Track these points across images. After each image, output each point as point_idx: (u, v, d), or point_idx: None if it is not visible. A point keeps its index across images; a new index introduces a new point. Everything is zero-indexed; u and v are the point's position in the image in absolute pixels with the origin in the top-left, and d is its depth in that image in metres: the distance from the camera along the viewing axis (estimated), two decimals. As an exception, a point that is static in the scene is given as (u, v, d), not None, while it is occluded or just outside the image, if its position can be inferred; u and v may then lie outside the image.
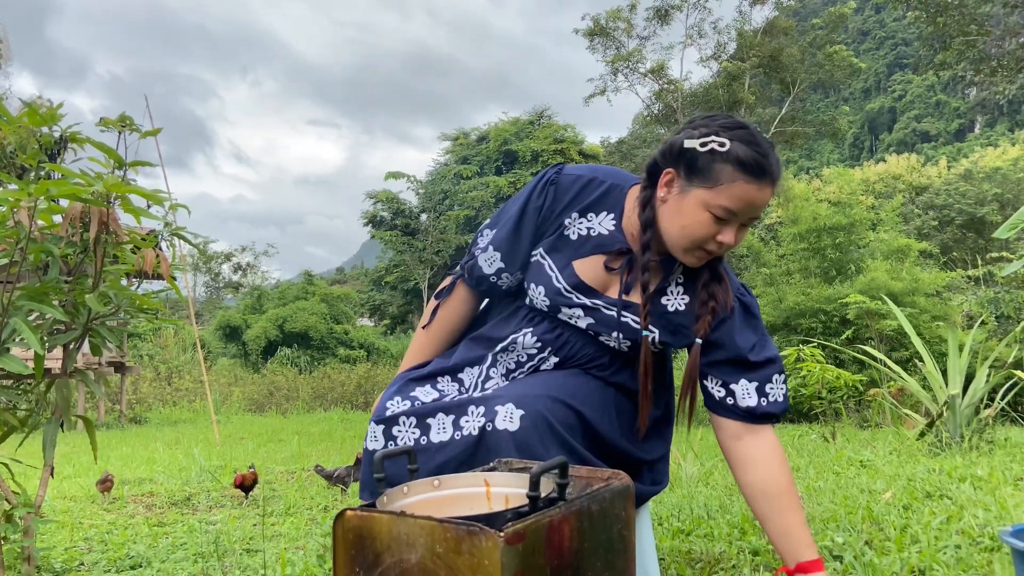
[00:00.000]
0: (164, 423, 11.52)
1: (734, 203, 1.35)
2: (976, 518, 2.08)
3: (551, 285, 1.52)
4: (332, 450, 6.44)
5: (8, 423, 1.75)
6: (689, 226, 1.39)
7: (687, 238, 1.40)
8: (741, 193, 1.35)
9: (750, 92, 17.35)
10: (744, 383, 1.49)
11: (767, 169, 1.35)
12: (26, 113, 1.74)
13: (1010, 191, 27.39)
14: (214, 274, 30.33)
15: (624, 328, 1.50)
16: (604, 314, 1.51)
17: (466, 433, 1.40)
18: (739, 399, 1.48)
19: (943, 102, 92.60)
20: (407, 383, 1.57)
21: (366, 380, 16.82)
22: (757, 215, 1.40)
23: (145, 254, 1.85)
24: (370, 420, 1.52)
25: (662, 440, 1.62)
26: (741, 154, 1.34)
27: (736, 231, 1.39)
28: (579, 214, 1.53)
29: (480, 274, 1.60)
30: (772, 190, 1.37)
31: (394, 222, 25.00)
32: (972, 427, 3.84)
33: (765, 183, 1.35)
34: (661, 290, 1.51)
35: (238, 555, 2.37)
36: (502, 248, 1.57)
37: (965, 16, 13.37)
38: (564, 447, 1.36)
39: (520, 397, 1.38)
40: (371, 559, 0.96)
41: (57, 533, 2.78)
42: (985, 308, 11.81)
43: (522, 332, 1.57)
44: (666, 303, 1.51)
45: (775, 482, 1.44)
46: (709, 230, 1.38)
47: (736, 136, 1.37)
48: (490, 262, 1.58)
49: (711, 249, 1.40)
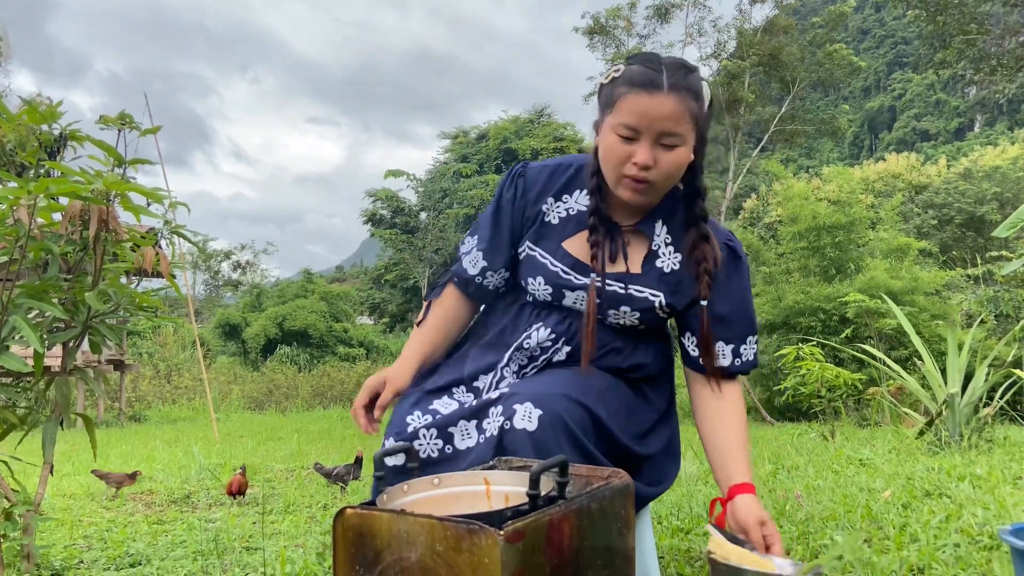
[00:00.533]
0: (163, 421, 11.52)
1: (630, 117, 1.39)
2: (975, 517, 2.08)
3: (548, 272, 1.54)
4: (332, 448, 6.45)
5: (8, 421, 1.75)
6: (605, 155, 1.45)
7: (608, 167, 1.46)
8: (634, 105, 1.38)
9: (750, 91, 17.34)
10: (721, 345, 1.55)
11: (656, 79, 1.38)
12: (26, 111, 1.74)
13: (1009, 190, 27.38)
14: (213, 272, 30.30)
15: (630, 300, 1.52)
16: (608, 291, 1.51)
17: (488, 435, 1.39)
18: (715, 359, 1.55)
19: (943, 101, 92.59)
20: (424, 396, 1.54)
21: (365, 378, 16.78)
22: (664, 128, 1.39)
23: (145, 252, 1.85)
24: (387, 435, 1.48)
25: (663, 434, 1.61)
26: (633, 71, 1.41)
27: (649, 148, 1.40)
28: (554, 198, 1.58)
29: (466, 277, 1.63)
30: (672, 100, 1.37)
31: (394, 220, 24.99)
32: (971, 426, 3.85)
33: (657, 92, 1.37)
34: (653, 253, 1.54)
35: (238, 553, 2.37)
36: (483, 247, 1.61)
37: (965, 15, 13.36)
38: (578, 448, 1.36)
39: (538, 396, 1.37)
40: (371, 557, 0.96)
41: (56, 531, 2.78)
42: (984, 307, 11.82)
43: (534, 328, 1.57)
44: (661, 265, 1.54)
45: (734, 439, 1.51)
46: (621, 152, 1.41)
47: (634, 60, 1.43)
48: (474, 263, 1.62)
49: (632, 174, 1.42)
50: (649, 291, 1.53)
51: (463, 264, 1.64)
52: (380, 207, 25.15)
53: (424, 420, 1.47)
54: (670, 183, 1.48)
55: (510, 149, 24.35)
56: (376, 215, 25.16)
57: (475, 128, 26.77)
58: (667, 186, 1.48)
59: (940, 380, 4.15)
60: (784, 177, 16.73)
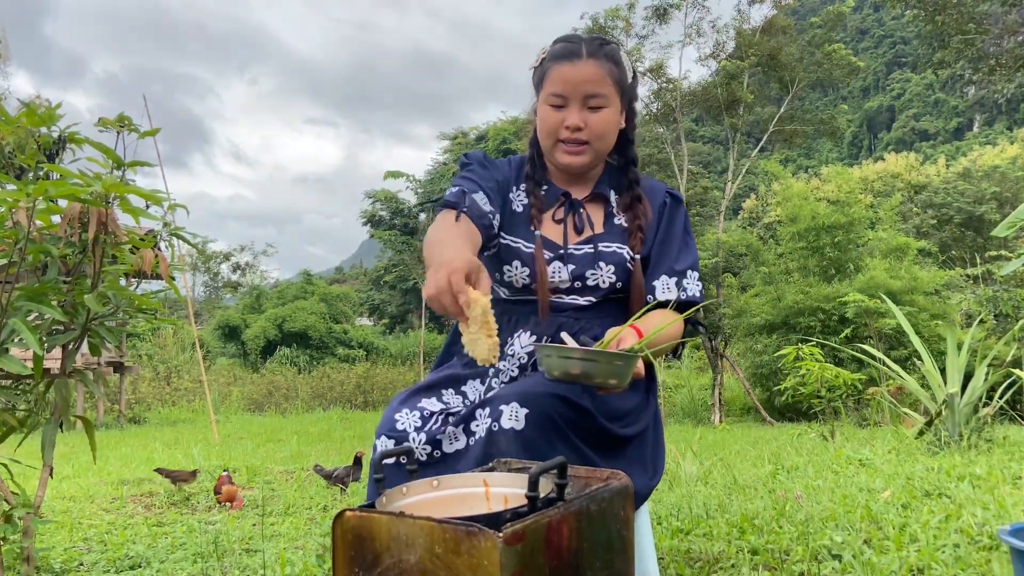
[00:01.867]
0: (163, 423, 11.52)
1: (557, 86, 1.55)
2: (975, 517, 2.08)
3: (524, 254, 1.61)
4: (331, 450, 6.45)
5: (7, 423, 1.75)
6: (540, 125, 1.61)
7: (543, 136, 1.61)
8: (558, 75, 1.55)
9: (749, 91, 17.32)
10: (664, 278, 1.64)
11: (575, 50, 1.55)
12: (24, 113, 1.74)
13: (1009, 189, 27.38)
14: (213, 274, 30.31)
15: (603, 257, 1.60)
16: (578, 255, 1.61)
17: (478, 437, 1.40)
18: (658, 294, 1.63)
19: (942, 100, 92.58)
20: (412, 395, 1.56)
21: (365, 380, 16.81)
22: (588, 91, 1.54)
23: (144, 254, 1.85)
24: (377, 435, 1.49)
25: (644, 416, 1.59)
26: (556, 48, 1.59)
27: (577, 111, 1.55)
28: (515, 186, 1.68)
29: (479, 211, 1.54)
30: (592, 64, 1.54)
31: (393, 221, 25.02)
32: (971, 426, 3.85)
33: (577, 60, 1.54)
34: (611, 214, 1.67)
35: (237, 555, 2.37)
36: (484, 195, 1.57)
37: (963, 14, 13.36)
38: (567, 445, 1.37)
39: (523, 395, 1.38)
40: (370, 559, 0.96)
41: (56, 533, 2.78)
42: (984, 306, 11.82)
43: (515, 336, 1.61)
44: (619, 223, 1.66)
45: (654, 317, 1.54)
46: (554, 120, 1.57)
47: (557, 40, 1.61)
48: (483, 201, 1.57)
49: (564, 137, 1.57)
50: (615, 245, 1.63)
51: (475, 199, 1.54)
52: (379, 208, 25.17)
53: (413, 418, 1.49)
54: (603, 144, 1.61)
55: (509, 150, 24.35)
56: (375, 216, 25.19)
57: (474, 129, 26.83)
58: (601, 148, 1.61)
59: (940, 380, 4.15)
60: (783, 177, 16.74)
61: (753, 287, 15.46)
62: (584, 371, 1.31)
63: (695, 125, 32.68)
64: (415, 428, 1.47)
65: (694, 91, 18.04)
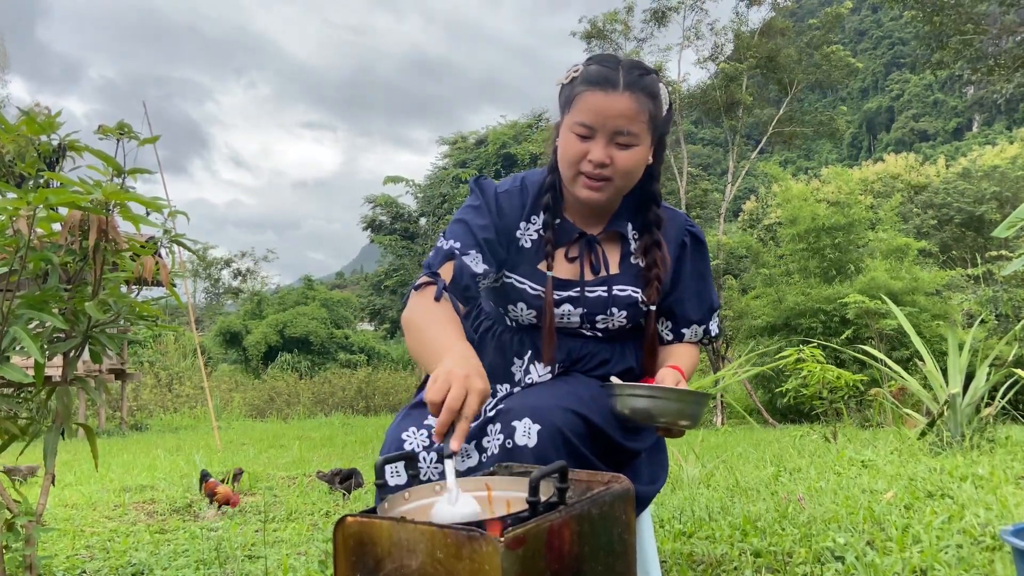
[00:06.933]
0: (165, 429, 11.51)
1: (587, 115, 1.41)
2: (977, 517, 2.08)
3: (529, 296, 1.53)
4: (333, 455, 6.44)
5: (9, 431, 1.75)
6: (563, 153, 1.47)
7: (564, 165, 1.47)
8: (590, 104, 1.41)
9: (748, 93, 17.34)
10: (695, 327, 1.63)
11: (612, 78, 1.41)
12: (24, 121, 1.74)
13: (1009, 189, 27.35)
14: (214, 280, 30.28)
15: (615, 301, 1.54)
16: (591, 298, 1.54)
17: (491, 454, 1.39)
18: (686, 339, 1.64)
19: (941, 101, 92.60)
20: (418, 410, 1.47)
21: (367, 385, 16.81)
22: (619, 127, 1.41)
23: (144, 261, 1.85)
24: (382, 454, 1.40)
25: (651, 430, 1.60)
26: (591, 71, 1.44)
27: (604, 146, 1.42)
28: (525, 221, 1.56)
29: (470, 273, 1.47)
30: (628, 99, 1.40)
31: (393, 226, 25.00)
32: (973, 426, 3.84)
33: (612, 91, 1.40)
34: (628, 252, 1.57)
35: (240, 561, 2.37)
36: (480, 249, 1.49)
37: (962, 15, 13.38)
38: (577, 457, 1.36)
39: (534, 410, 1.37)
40: (372, 565, 0.96)
41: (59, 541, 2.77)
42: (985, 307, 11.81)
43: (527, 359, 1.58)
44: (636, 262, 1.58)
45: (681, 359, 1.58)
46: (577, 150, 1.44)
47: (592, 60, 1.47)
48: (475, 262, 1.49)
49: (587, 171, 1.44)
50: (631, 288, 1.55)
51: (465, 262, 1.47)
52: (379, 213, 25.16)
53: (420, 436, 1.42)
54: (627, 182, 1.49)
55: (509, 154, 24.37)
56: (376, 221, 25.17)
57: (473, 133, 26.79)
58: (624, 185, 1.49)
59: (941, 380, 4.14)
60: (783, 179, 16.74)
61: (754, 289, 15.46)
62: (659, 411, 1.35)
63: (694, 127, 32.69)
64: (423, 447, 1.40)
65: (693, 93, 18.07)
